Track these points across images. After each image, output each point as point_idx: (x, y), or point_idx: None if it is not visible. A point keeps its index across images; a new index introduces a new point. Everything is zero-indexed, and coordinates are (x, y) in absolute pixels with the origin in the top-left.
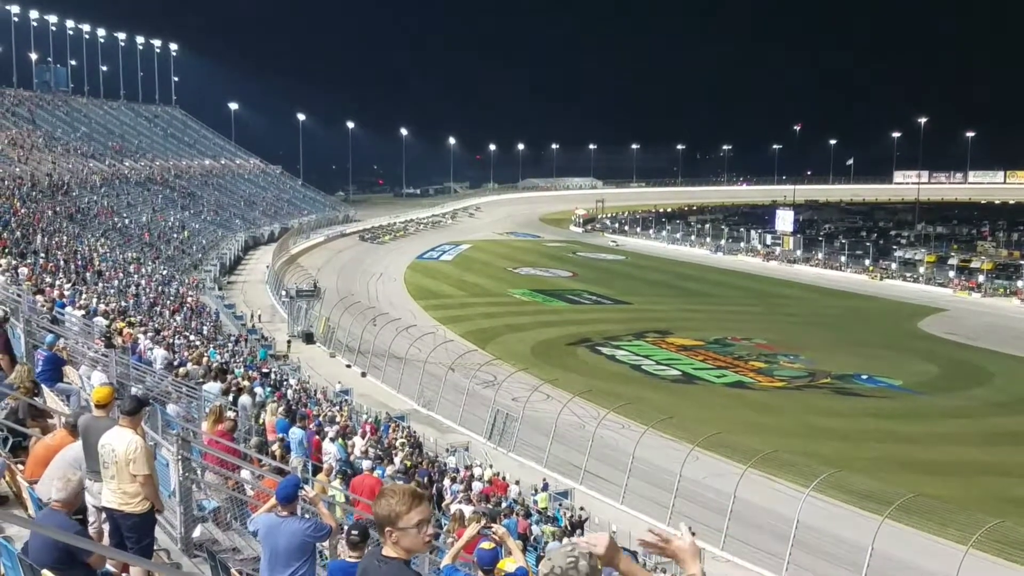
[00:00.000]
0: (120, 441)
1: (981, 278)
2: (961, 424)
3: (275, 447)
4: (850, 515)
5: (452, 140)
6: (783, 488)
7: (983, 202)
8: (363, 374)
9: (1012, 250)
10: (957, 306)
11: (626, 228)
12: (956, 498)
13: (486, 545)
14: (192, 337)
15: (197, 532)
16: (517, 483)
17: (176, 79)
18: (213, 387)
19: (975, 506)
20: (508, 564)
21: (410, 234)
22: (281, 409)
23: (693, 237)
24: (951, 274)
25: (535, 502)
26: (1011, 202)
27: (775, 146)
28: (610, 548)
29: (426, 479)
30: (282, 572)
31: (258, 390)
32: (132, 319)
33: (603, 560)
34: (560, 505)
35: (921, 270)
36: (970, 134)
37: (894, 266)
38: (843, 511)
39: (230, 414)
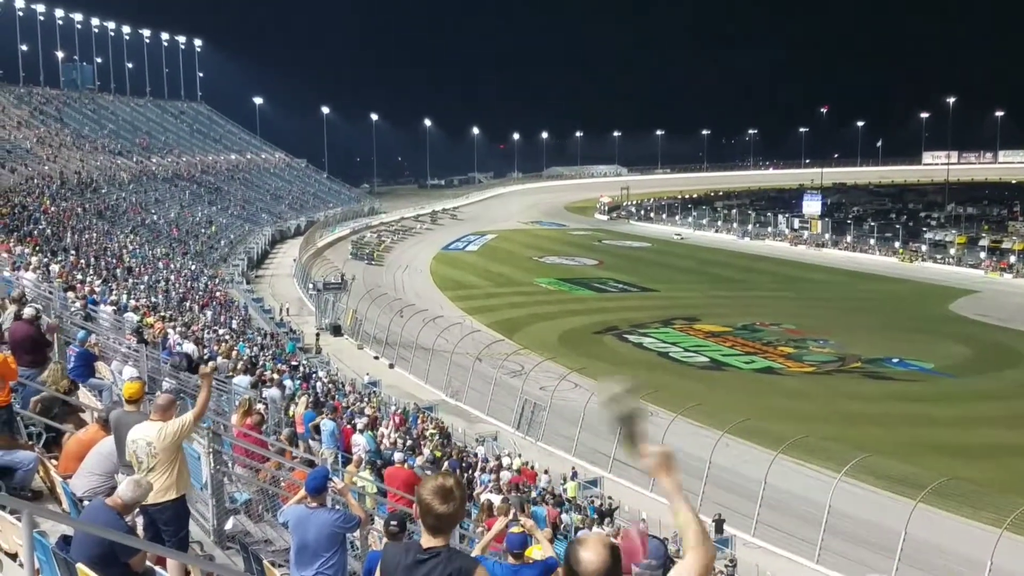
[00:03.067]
0: (152, 432)
1: (1013, 259)
2: (994, 406)
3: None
4: (883, 500)
5: (476, 130)
6: (814, 474)
7: (1014, 182)
8: (391, 365)
9: None
10: (989, 287)
11: (651, 215)
12: (990, 481)
13: (516, 529)
14: (221, 331)
15: (229, 524)
16: (546, 472)
17: (201, 75)
18: (243, 380)
19: (1009, 489)
20: (535, 552)
21: (389, 246)
22: (310, 401)
23: (719, 223)
24: (982, 255)
25: (564, 491)
26: None
27: (802, 129)
28: (664, 456)
29: (456, 470)
30: (312, 563)
31: (287, 383)
32: (163, 314)
33: (656, 464)
34: (589, 494)
35: (952, 252)
36: (1000, 113)
37: (924, 248)
38: (875, 496)
39: (260, 407)
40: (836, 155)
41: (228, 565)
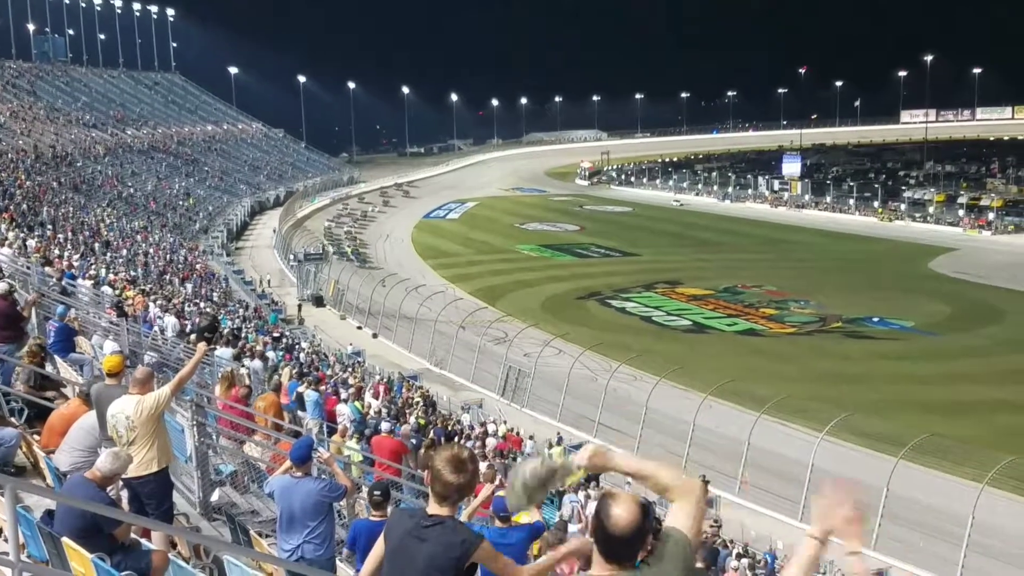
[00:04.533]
0: (130, 405)
1: (991, 216)
2: (974, 363)
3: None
4: (865, 457)
5: (454, 97)
6: (797, 433)
7: (992, 139)
8: (374, 335)
9: (1022, 186)
10: (968, 245)
11: (632, 179)
12: (971, 437)
13: (502, 493)
14: (203, 304)
15: (215, 496)
16: (531, 438)
17: (174, 45)
18: (225, 352)
19: (990, 444)
20: (523, 516)
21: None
22: (295, 372)
23: (700, 186)
24: (961, 213)
25: (550, 456)
26: (1020, 138)
27: (780, 91)
28: (595, 457)
29: (442, 438)
30: (299, 532)
31: (270, 354)
32: (143, 288)
33: (594, 469)
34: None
35: (931, 210)
36: (977, 70)
37: (903, 207)
38: (857, 454)
39: (245, 379)
40: (815, 116)
41: (215, 536)
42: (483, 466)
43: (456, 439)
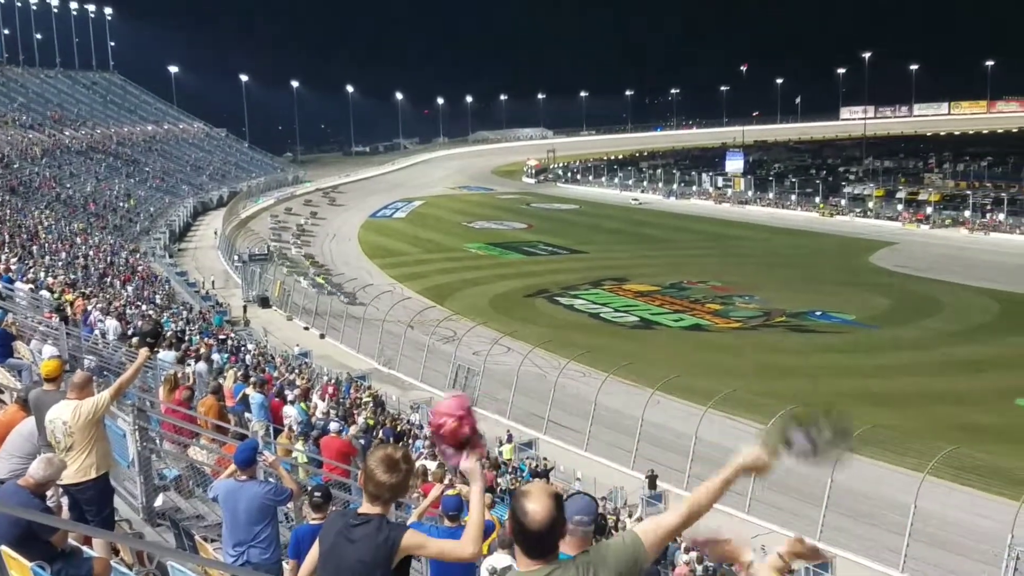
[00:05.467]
0: (67, 411)
1: (929, 210)
2: (914, 355)
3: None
4: None
5: (399, 95)
6: (743, 427)
7: (929, 134)
8: (322, 336)
9: (958, 181)
10: (906, 239)
11: (579, 177)
12: (912, 427)
13: (451, 492)
14: (145, 307)
15: (159, 501)
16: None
17: (113, 44)
18: (167, 355)
19: (931, 434)
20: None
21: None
22: (240, 374)
23: (645, 183)
24: (900, 207)
25: (500, 454)
26: (956, 133)
27: (722, 88)
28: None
29: (390, 438)
30: (244, 536)
31: (215, 356)
32: (83, 291)
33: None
34: (525, 456)
35: (870, 205)
36: (914, 67)
37: (844, 202)
38: None
39: (186, 375)
40: (756, 113)
41: (159, 542)
42: (432, 466)
43: (405, 439)
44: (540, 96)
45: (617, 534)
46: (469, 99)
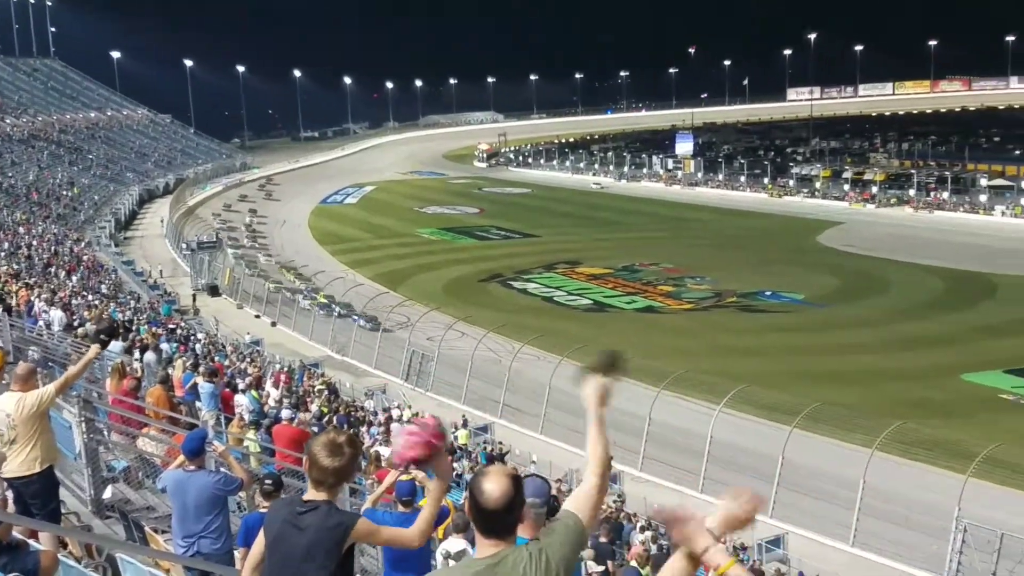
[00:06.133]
0: (10, 403)
1: (875, 189)
2: (862, 333)
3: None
4: (761, 428)
5: (348, 80)
6: (696, 407)
7: (874, 114)
8: (273, 323)
9: (903, 160)
10: (853, 218)
11: (530, 161)
12: (860, 404)
13: (405, 477)
14: (91, 297)
15: (108, 493)
16: (417, 415)
17: (53, 30)
18: (115, 346)
19: (878, 410)
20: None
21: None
22: (190, 363)
23: (597, 166)
24: (846, 187)
25: (455, 439)
26: (900, 113)
27: (671, 70)
28: (601, 389)
29: (344, 425)
30: (194, 527)
31: (164, 346)
32: (27, 281)
33: (600, 397)
34: (481, 440)
35: (818, 185)
36: (859, 48)
37: (792, 183)
38: (754, 424)
39: (136, 369)
40: (705, 95)
41: (108, 534)
42: (386, 452)
43: (360, 426)
44: (490, 80)
45: (560, 517)
46: (419, 83)
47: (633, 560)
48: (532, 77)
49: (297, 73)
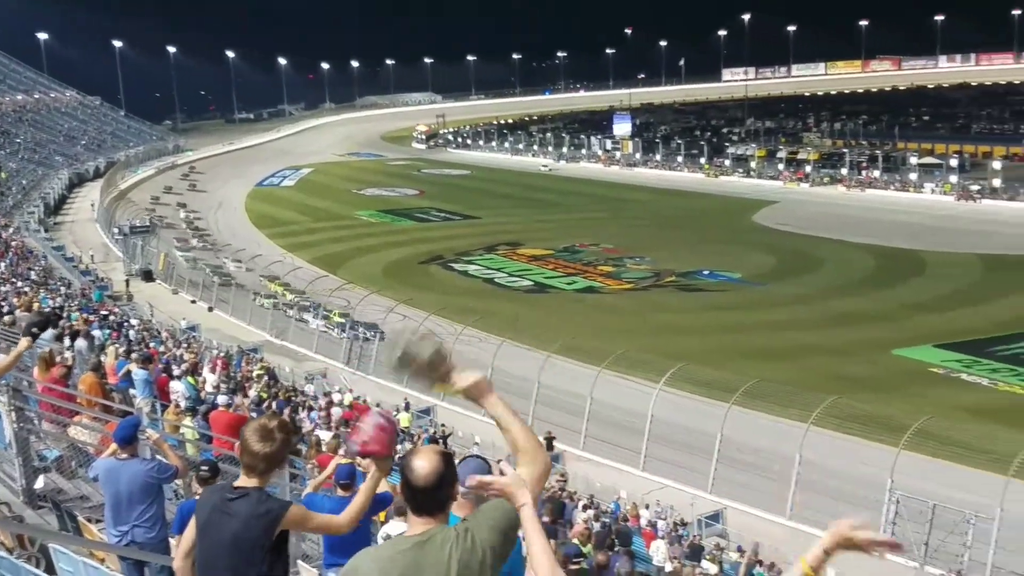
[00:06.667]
0: None
1: (808, 168)
2: (797, 310)
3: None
4: (700, 405)
5: (282, 60)
6: (636, 386)
7: (807, 94)
8: (210, 308)
9: (835, 139)
10: (788, 197)
11: (469, 142)
12: (795, 380)
13: (344, 460)
14: (20, 284)
15: (40, 483)
16: (378, 405)
17: None
18: (45, 333)
19: (813, 386)
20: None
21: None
22: (123, 350)
23: (536, 147)
24: (780, 167)
25: (397, 422)
26: (833, 93)
27: (609, 51)
28: (478, 383)
29: (283, 410)
30: (128, 516)
31: (96, 332)
32: None
33: (468, 394)
34: (423, 423)
35: (753, 165)
36: (792, 28)
37: (728, 163)
38: (693, 402)
39: (67, 356)
40: (641, 76)
41: (40, 525)
42: (327, 436)
43: (300, 410)
44: (428, 60)
45: (493, 499)
46: (355, 64)
47: (575, 538)
48: (470, 58)
49: (230, 54)
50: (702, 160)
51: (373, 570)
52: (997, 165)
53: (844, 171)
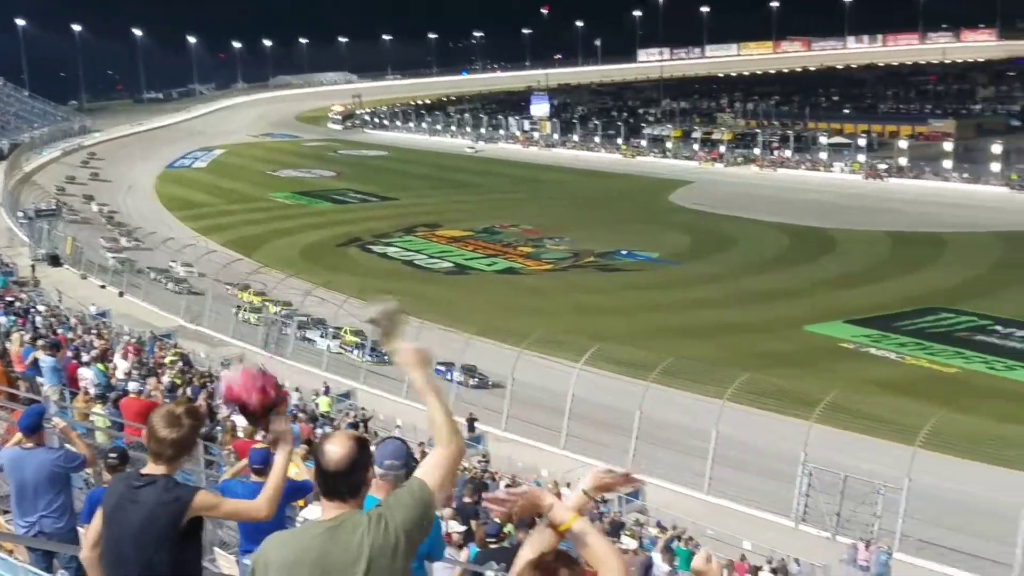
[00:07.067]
0: None
1: (723, 149)
2: (712, 289)
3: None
4: (620, 384)
5: (192, 39)
6: (557, 366)
7: (721, 75)
8: (121, 294)
9: (748, 120)
10: (703, 177)
11: (386, 123)
12: (712, 357)
13: (260, 445)
14: None
15: None
16: (297, 389)
17: None
18: None
19: (729, 363)
20: (291, 470)
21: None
22: (29, 337)
23: (454, 128)
24: (696, 147)
25: (316, 406)
26: (746, 73)
27: (525, 31)
28: (417, 352)
29: (200, 396)
30: (34, 507)
31: (0, 319)
32: None
33: (404, 362)
34: (343, 407)
35: (669, 145)
36: (705, 9)
37: (644, 143)
38: (613, 381)
39: None
40: (558, 56)
41: None
42: (243, 422)
43: (216, 397)
44: (342, 40)
45: (407, 484)
46: (268, 43)
47: (497, 517)
48: (386, 37)
49: (138, 32)
50: (619, 141)
51: (280, 556)
52: (903, 144)
53: (757, 151)
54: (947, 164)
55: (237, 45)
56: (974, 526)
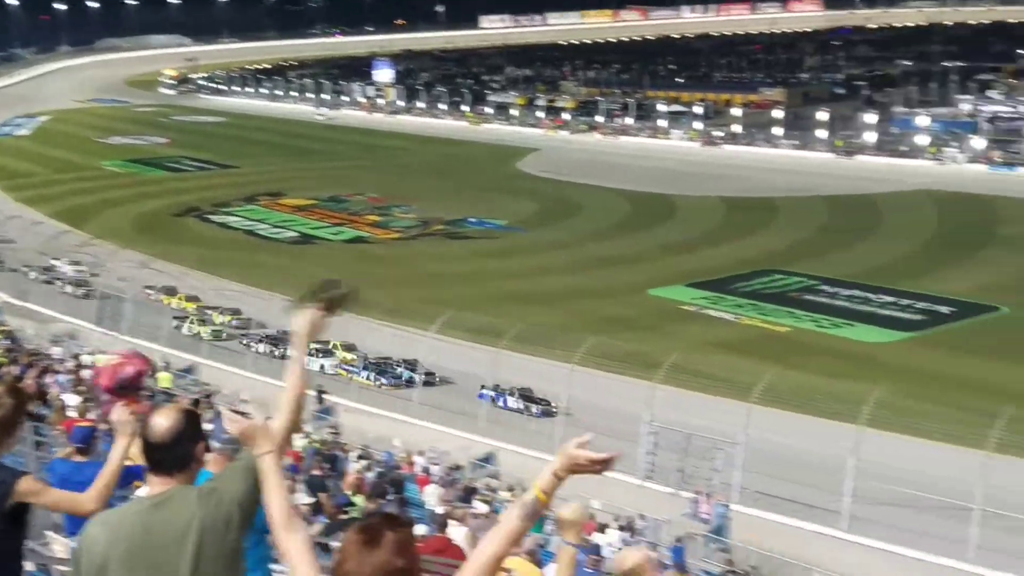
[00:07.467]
0: None
1: (567, 116)
2: (559, 255)
3: None
4: (470, 351)
5: (11, 0)
6: (408, 335)
7: (564, 43)
8: None
9: (591, 88)
10: (549, 145)
11: (224, 88)
12: (560, 323)
13: (86, 423)
14: None
15: None
16: None
17: None
18: None
19: (576, 327)
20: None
21: None
22: None
23: (295, 94)
24: (540, 114)
25: (157, 382)
26: (587, 42)
27: None
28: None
29: (28, 375)
30: None
31: None
32: None
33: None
34: (185, 383)
35: (514, 113)
36: None
37: (490, 111)
38: (464, 348)
39: None
40: (400, 21)
41: None
42: (74, 400)
43: (46, 374)
44: (173, 1)
45: (240, 457)
46: (93, 4)
47: (348, 489)
48: None
49: None
50: (464, 108)
51: (102, 534)
52: (736, 112)
53: (599, 119)
54: (777, 131)
55: (60, 7)
56: (806, 477)
